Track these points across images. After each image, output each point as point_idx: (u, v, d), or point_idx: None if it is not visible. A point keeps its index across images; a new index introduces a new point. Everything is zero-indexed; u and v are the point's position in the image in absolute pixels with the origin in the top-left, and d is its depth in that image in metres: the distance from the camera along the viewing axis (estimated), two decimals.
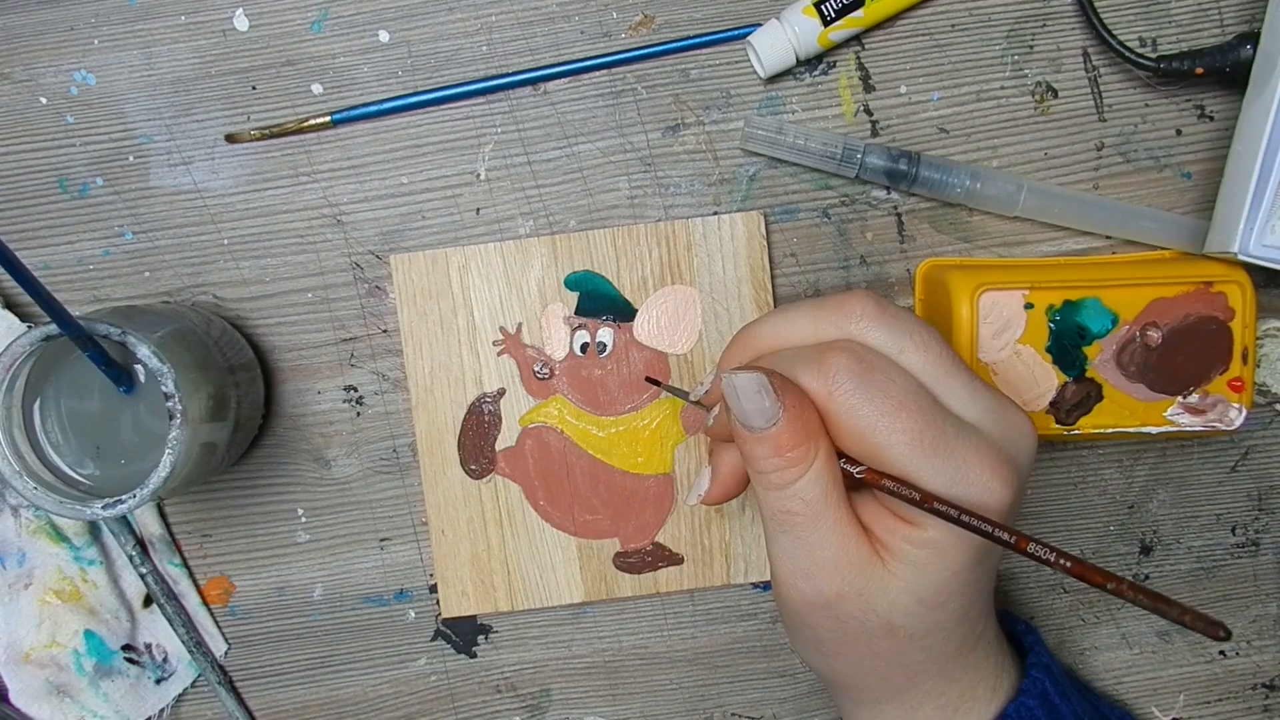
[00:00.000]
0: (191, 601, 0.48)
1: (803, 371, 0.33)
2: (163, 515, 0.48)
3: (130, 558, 0.47)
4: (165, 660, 0.48)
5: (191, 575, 0.48)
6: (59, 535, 0.47)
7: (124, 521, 0.47)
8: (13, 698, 0.46)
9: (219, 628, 0.49)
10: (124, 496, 0.38)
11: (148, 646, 0.48)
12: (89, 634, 0.47)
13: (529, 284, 0.46)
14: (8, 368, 0.38)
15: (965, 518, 0.31)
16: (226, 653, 0.49)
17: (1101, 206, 0.46)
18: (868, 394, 0.32)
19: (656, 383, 0.45)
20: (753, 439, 0.34)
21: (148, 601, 0.48)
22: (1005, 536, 0.30)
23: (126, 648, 0.48)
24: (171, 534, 0.48)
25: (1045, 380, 0.43)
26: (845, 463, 0.34)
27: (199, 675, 0.49)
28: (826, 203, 0.47)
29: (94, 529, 0.47)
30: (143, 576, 0.47)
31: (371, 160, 0.47)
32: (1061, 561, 0.29)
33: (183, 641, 0.48)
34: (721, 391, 0.34)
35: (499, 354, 0.47)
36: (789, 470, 0.33)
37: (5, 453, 0.38)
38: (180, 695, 0.49)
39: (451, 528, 0.47)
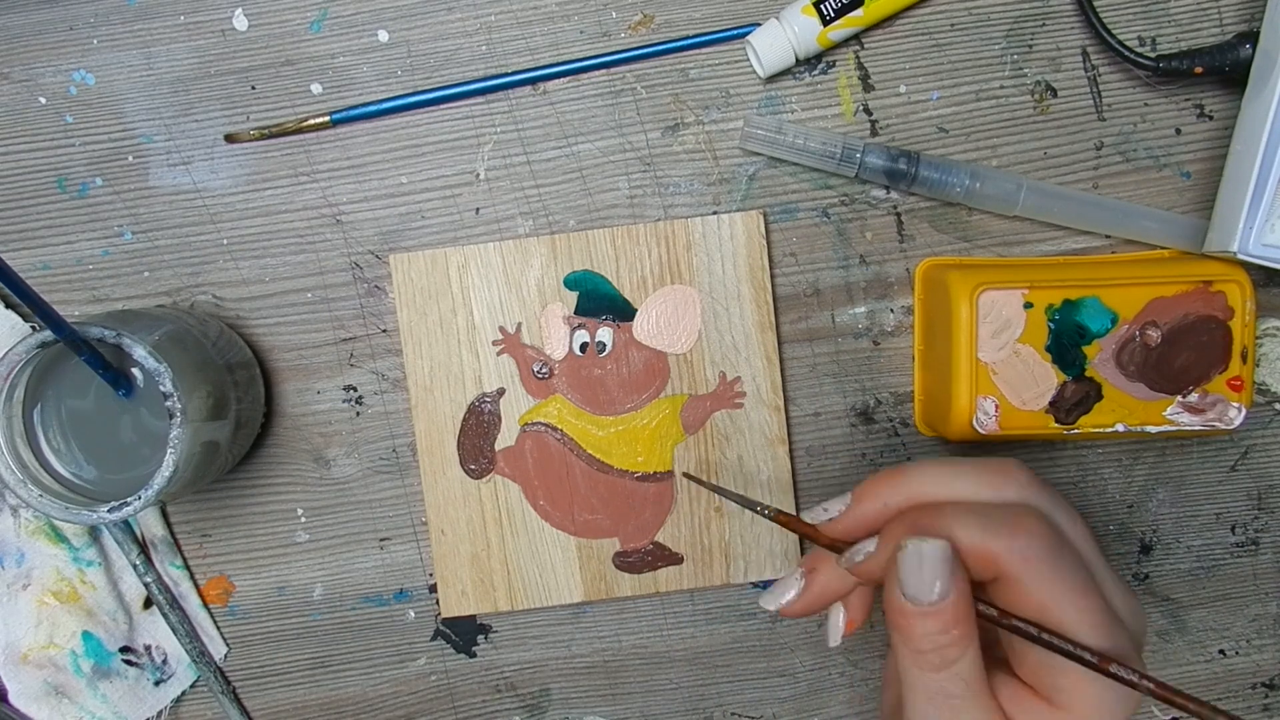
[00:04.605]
0: (192, 604, 0.48)
1: (993, 532, 0.31)
2: (165, 516, 0.48)
3: (135, 566, 0.47)
4: (164, 662, 0.48)
5: (192, 577, 0.48)
6: (58, 536, 0.47)
7: (127, 529, 0.47)
8: (12, 698, 0.46)
9: (219, 630, 0.49)
10: (129, 499, 0.38)
11: (147, 648, 0.48)
12: (87, 635, 0.47)
13: (528, 284, 0.46)
14: (5, 376, 0.38)
15: (1141, 680, 0.30)
16: (226, 655, 0.49)
17: (1101, 206, 0.46)
18: (1059, 568, 0.31)
19: (723, 491, 0.40)
20: (918, 613, 0.31)
21: (147, 603, 0.48)
22: (1152, 686, 0.30)
23: (125, 649, 0.48)
24: (174, 535, 0.48)
25: (1045, 379, 0.43)
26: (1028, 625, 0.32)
27: (198, 677, 0.49)
28: (826, 202, 0.47)
29: (93, 530, 0.47)
30: (147, 585, 0.47)
31: (371, 160, 0.47)
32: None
33: (185, 649, 0.48)
34: (898, 557, 0.32)
35: (498, 354, 0.47)
36: (951, 649, 0.31)
37: (9, 461, 0.38)
38: (179, 697, 0.49)
39: (451, 527, 0.47)
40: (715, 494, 0.43)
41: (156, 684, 0.48)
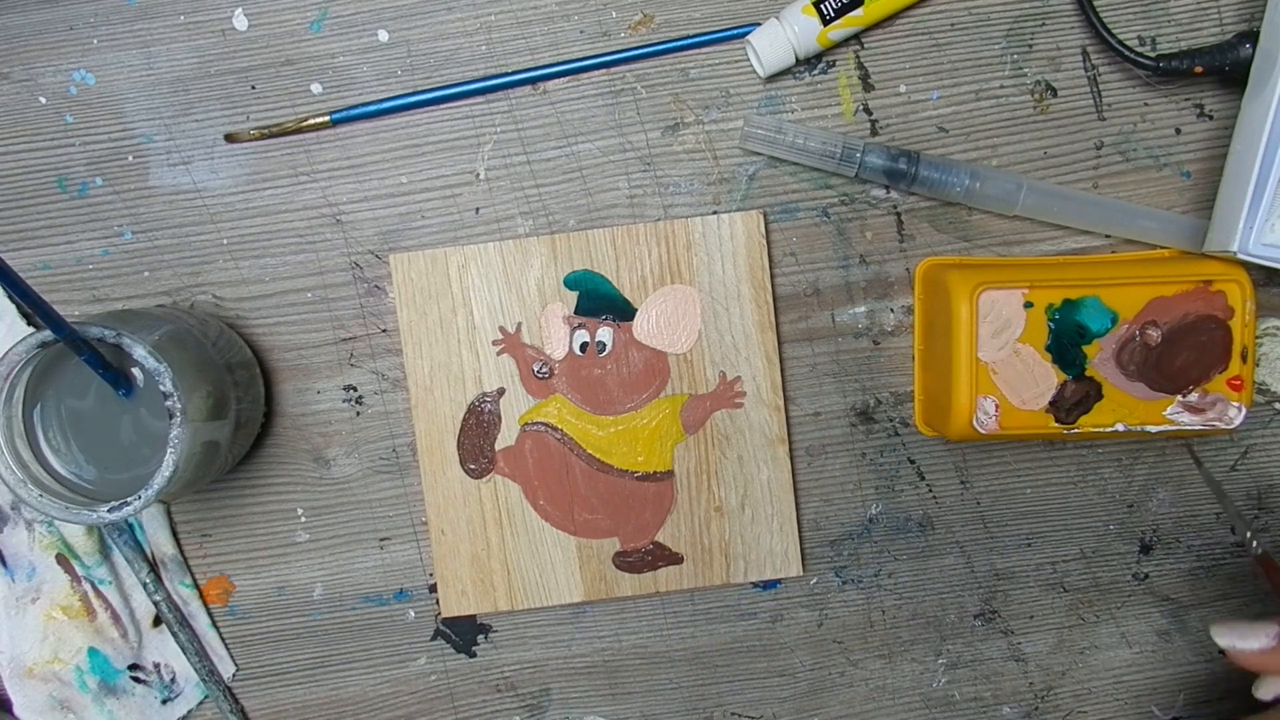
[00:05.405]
0: (201, 623, 0.48)
1: None
2: (175, 535, 0.48)
3: (144, 585, 0.47)
4: (173, 680, 0.48)
5: (202, 596, 0.48)
6: (70, 552, 0.46)
7: (137, 547, 0.47)
8: (17, 711, 0.46)
9: (228, 649, 0.49)
10: (129, 499, 0.38)
11: (155, 666, 0.48)
12: (93, 652, 0.47)
13: (528, 283, 0.46)
14: (5, 376, 0.38)
15: None
16: (235, 674, 0.49)
17: (1101, 205, 0.46)
18: None
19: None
20: None
21: (157, 621, 0.48)
22: None
23: (133, 667, 0.47)
24: (183, 554, 0.48)
25: (1045, 379, 0.43)
26: None
27: (206, 696, 0.49)
28: (826, 202, 0.47)
29: (105, 547, 0.47)
30: (156, 604, 0.47)
31: (371, 160, 0.47)
32: None
33: (195, 669, 0.48)
34: None
35: (498, 353, 0.47)
36: None
37: (9, 461, 0.38)
38: (186, 716, 0.49)
39: (451, 527, 0.47)
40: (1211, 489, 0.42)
41: (164, 702, 0.48)
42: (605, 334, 0.47)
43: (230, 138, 0.46)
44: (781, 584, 0.49)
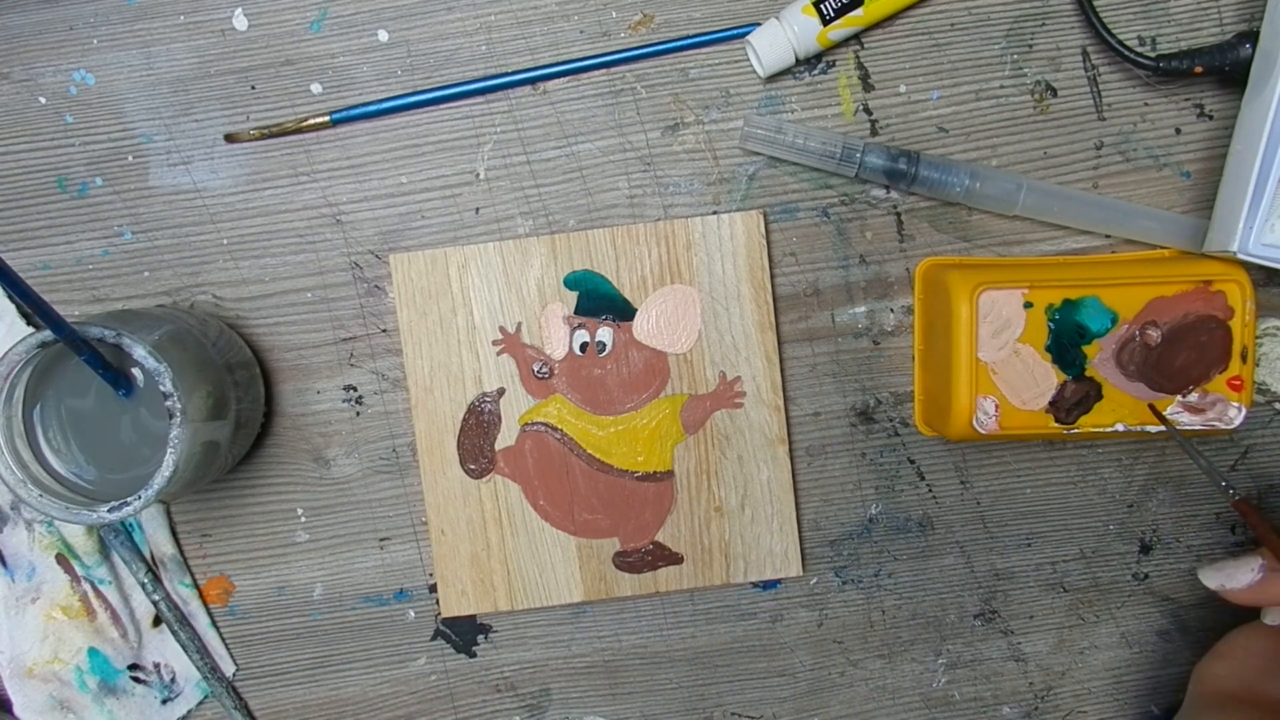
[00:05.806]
0: (201, 623, 0.48)
1: None
2: (175, 535, 0.48)
3: (143, 585, 0.47)
4: (173, 680, 0.48)
5: (201, 596, 0.48)
6: (70, 552, 0.46)
7: (134, 548, 0.47)
8: (17, 710, 0.46)
9: (228, 649, 0.49)
10: (129, 499, 0.38)
11: (156, 666, 0.48)
12: (93, 652, 0.47)
13: (528, 283, 0.46)
14: (5, 376, 0.38)
15: None
16: (235, 674, 0.49)
17: (1101, 205, 0.46)
18: None
19: None
20: None
21: (156, 621, 0.48)
22: None
23: (133, 667, 0.47)
24: (183, 554, 0.48)
25: (1045, 379, 0.43)
26: None
27: (206, 696, 0.49)
28: (826, 202, 0.47)
29: (104, 548, 0.47)
30: (155, 604, 0.47)
31: (371, 160, 0.47)
32: None
33: (197, 667, 0.48)
34: None
35: (498, 353, 0.47)
36: None
37: (9, 461, 0.38)
38: (185, 716, 0.49)
39: (451, 527, 0.47)
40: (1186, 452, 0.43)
41: (164, 702, 0.48)
42: (605, 334, 0.47)
43: (230, 138, 0.46)
44: (781, 584, 0.49)
